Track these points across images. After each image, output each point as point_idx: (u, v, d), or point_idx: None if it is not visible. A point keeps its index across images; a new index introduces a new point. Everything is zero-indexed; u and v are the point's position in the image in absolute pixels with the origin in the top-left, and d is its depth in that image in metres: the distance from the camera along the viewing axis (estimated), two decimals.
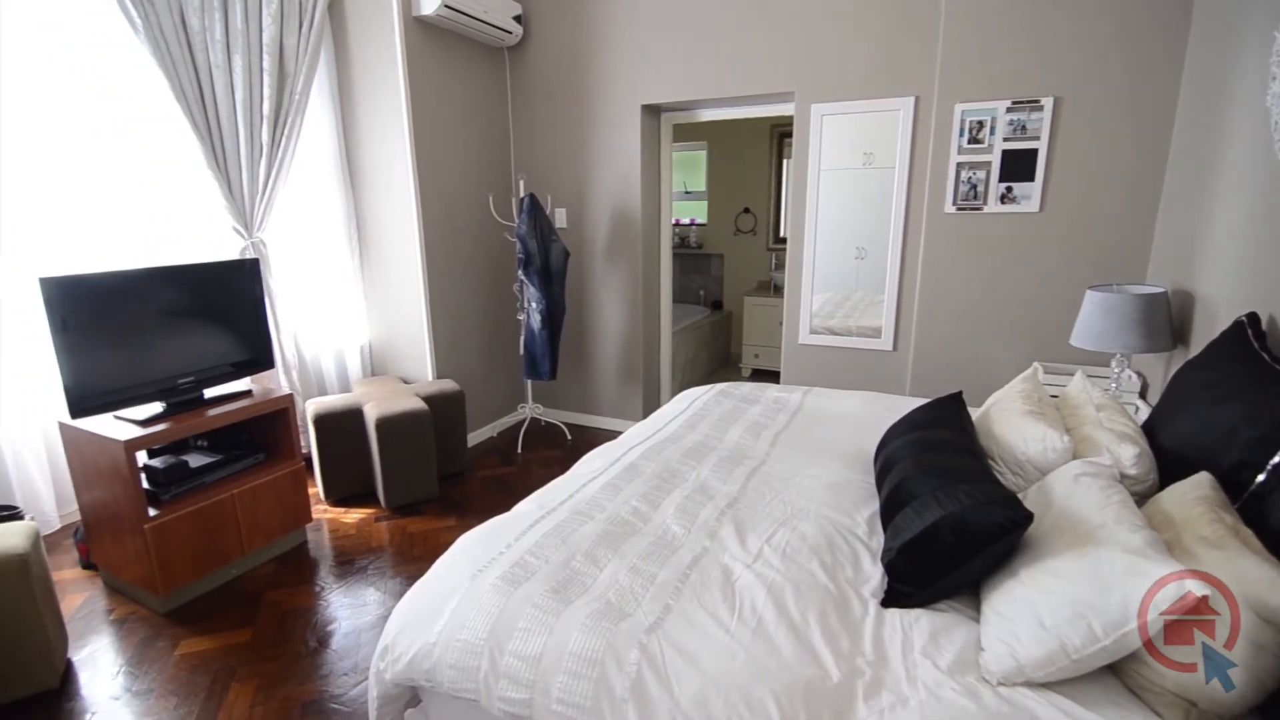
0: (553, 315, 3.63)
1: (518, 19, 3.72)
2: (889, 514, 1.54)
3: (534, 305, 3.59)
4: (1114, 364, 2.41)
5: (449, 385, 3.42)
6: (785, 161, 5.51)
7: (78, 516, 2.59)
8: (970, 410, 1.99)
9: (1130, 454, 1.55)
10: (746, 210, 5.81)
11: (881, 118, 3.17)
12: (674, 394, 4.28)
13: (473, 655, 1.27)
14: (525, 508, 1.79)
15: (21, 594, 1.86)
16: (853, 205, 3.34)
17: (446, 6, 3.20)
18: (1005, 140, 2.88)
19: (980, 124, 2.91)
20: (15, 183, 2.52)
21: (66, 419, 2.24)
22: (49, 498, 2.75)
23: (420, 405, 3.10)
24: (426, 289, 3.55)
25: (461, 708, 1.37)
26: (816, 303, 3.52)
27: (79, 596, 2.43)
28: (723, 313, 5.97)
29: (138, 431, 2.21)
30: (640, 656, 1.20)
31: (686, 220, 6.16)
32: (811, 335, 3.55)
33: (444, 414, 3.31)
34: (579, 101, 3.83)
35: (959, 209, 3.02)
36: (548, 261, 3.58)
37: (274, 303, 3.22)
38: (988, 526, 1.27)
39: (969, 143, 2.94)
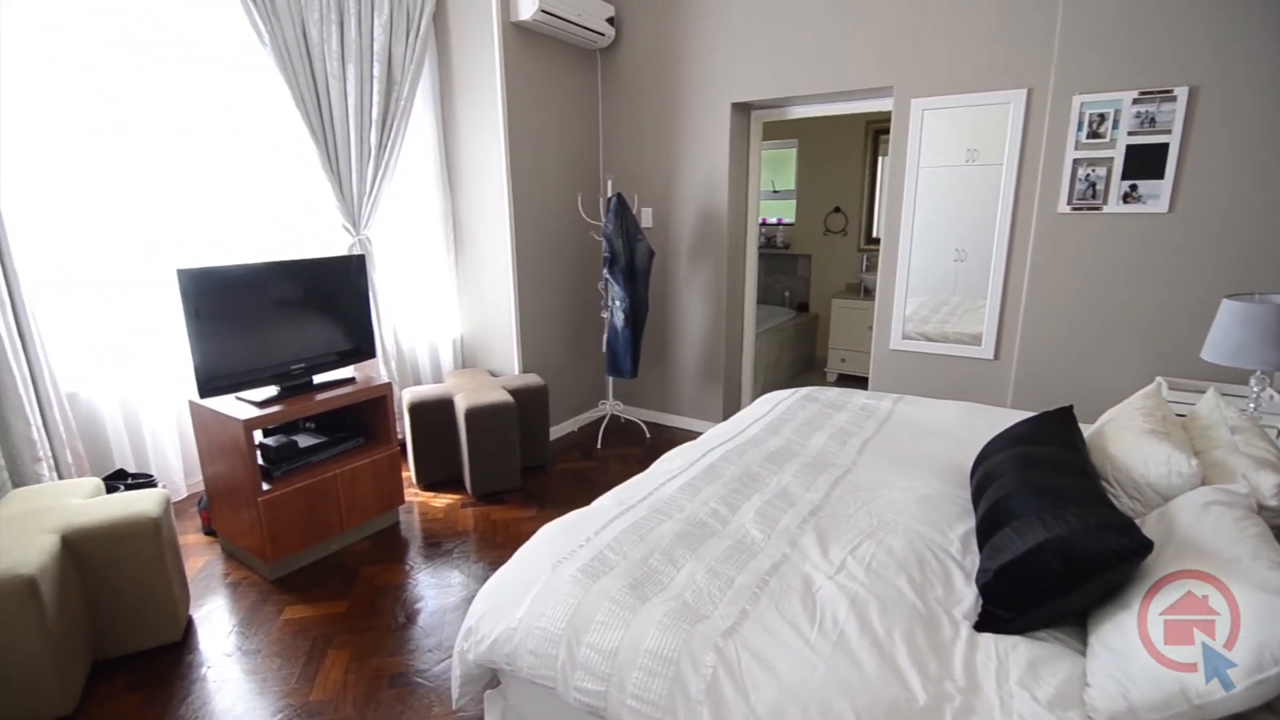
0: (636, 314, 3.66)
1: (610, 20, 3.77)
2: (986, 533, 1.45)
3: (617, 303, 3.63)
4: (1253, 382, 2.16)
5: (534, 380, 3.52)
6: (881, 159, 5.30)
7: (202, 487, 2.85)
8: (1081, 427, 1.84)
9: (1271, 483, 1.39)
10: (837, 210, 5.63)
11: (988, 112, 2.99)
12: (755, 397, 4.21)
13: (551, 644, 1.30)
14: (605, 503, 1.81)
15: (153, 554, 2.06)
16: (953, 204, 3.17)
17: (543, 11, 3.29)
18: (1130, 134, 2.64)
19: (1101, 117, 2.69)
20: (157, 184, 2.79)
21: (195, 398, 2.47)
22: (178, 469, 3.03)
23: (507, 398, 3.20)
24: (516, 286, 3.66)
25: (538, 694, 1.40)
26: (910, 307, 3.37)
27: (200, 560, 2.67)
28: (808, 315, 5.82)
29: (255, 412, 2.41)
30: (716, 660, 1.19)
31: (774, 220, 6.05)
32: (904, 341, 3.40)
33: (528, 407, 3.40)
34: (668, 101, 3.83)
35: (1074, 209, 2.81)
36: (632, 260, 3.61)
37: (376, 296, 3.42)
38: (1099, 553, 1.17)
39: (1088, 137, 2.73)
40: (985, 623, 1.30)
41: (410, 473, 3.38)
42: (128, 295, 2.76)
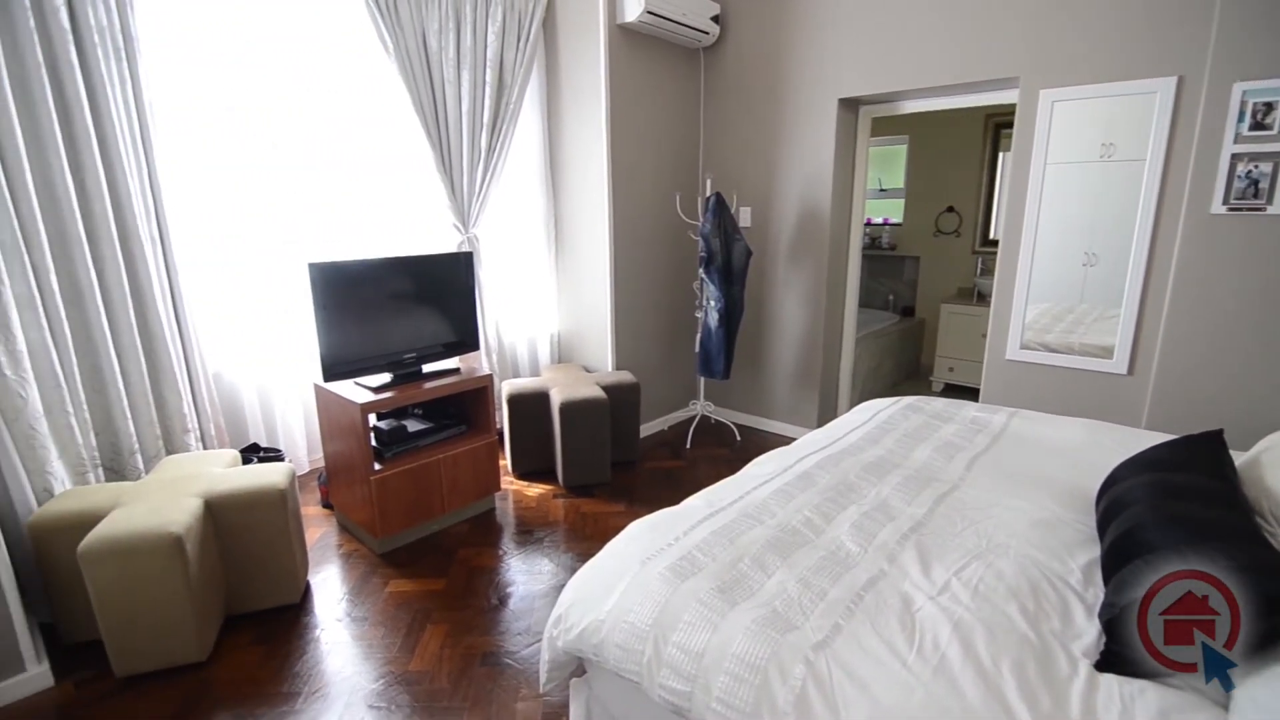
0: (730, 314, 3.61)
1: (715, 19, 3.74)
2: (1113, 565, 1.32)
3: (712, 303, 3.60)
4: None
5: (627, 377, 3.56)
6: (1001, 155, 4.96)
7: (322, 463, 3.09)
8: (1233, 454, 1.64)
9: None
10: (950, 209, 5.32)
11: (1129, 102, 2.72)
12: (854, 404, 4.06)
13: (638, 639, 1.31)
14: (695, 503, 1.80)
15: (278, 522, 2.26)
16: (1084, 204, 2.91)
17: (648, 12, 3.31)
18: None
19: (1269, 106, 2.38)
20: (291, 183, 3.05)
21: (320, 382, 2.68)
22: (302, 445, 3.31)
23: (600, 394, 3.26)
24: (612, 284, 3.72)
25: (623, 687, 1.42)
26: (1030, 314, 3.12)
27: (318, 530, 2.90)
28: (914, 320, 5.54)
29: (371, 396, 2.58)
30: (806, 672, 1.15)
31: (879, 220, 5.80)
32: (1022, 351, 3.16)
33: (620, 404, 3.45)
34: (772, 99, 3.76)
35: (1231, 209, 2.50)
36: (729, 260, 3.57)
37: (481, 292, 3.58)
38: (1251, 598, 1.03)
39: (1251, 129, 2.42)
40: (1108, 662, 1.18)
41: (506, 461, 3.51)
42: (265, 285, 3.03)
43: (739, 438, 4.03)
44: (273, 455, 2.92)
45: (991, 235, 5.13)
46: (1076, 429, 2.35)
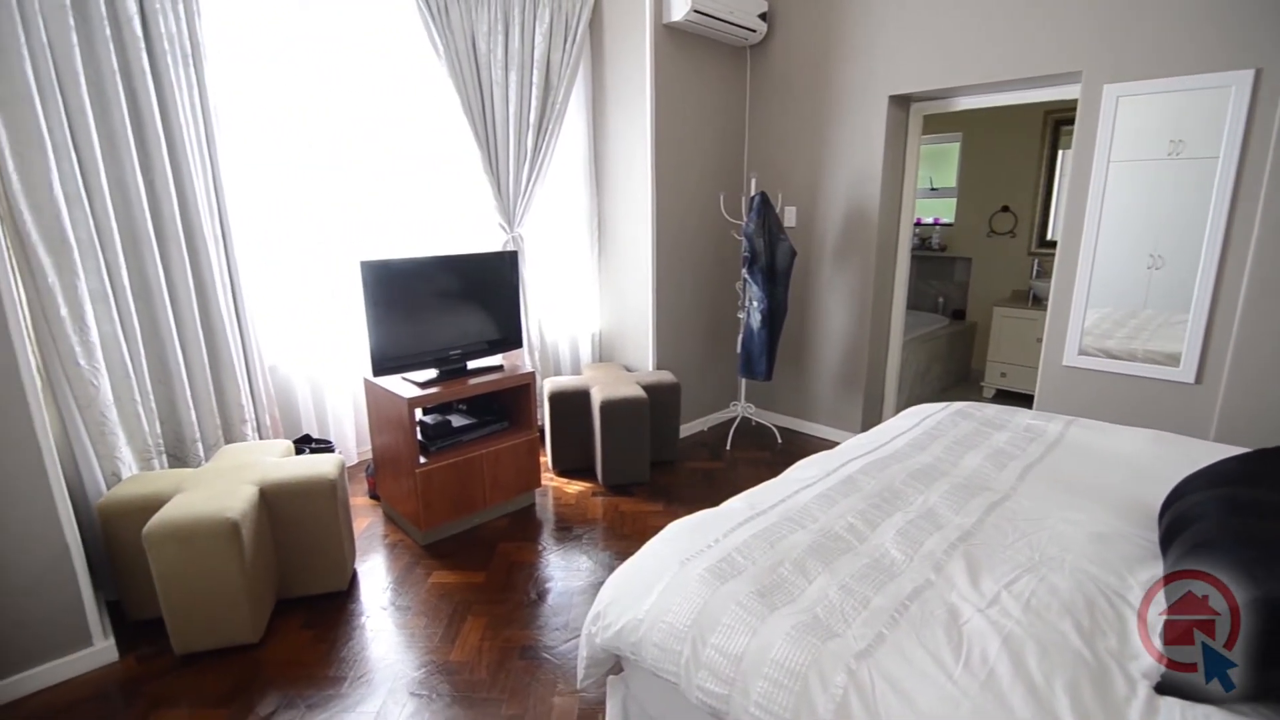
0: (773, 315, 3.57)
1: (763, 16, 3.70)
2: None
3: (755, 304, 3.56)
4: None
5: (667, 377, 3.55)
6: (1061, 152, 4.77)
7: (370, 455, 3.18)
8: None
9: None
10: (1005, 209, 5.15)
11: (1200, 97, 2.58)
12: (900, 409, 3.97)
13: (676, 640, 1.30)
14: (735, 505, 1.78)
15: (328, 511, 2.33)
16: (1150, 204, 2.78)
17: (695, 11, 3.30)
18: None
19: None
20: (343, 185, 3.15)
21: (369, 376, 2.76)
22: (351, 438, 3.41)
23: (640, 393, 3.26)
24: (654, 284, 3.72)
25: (661, 687, 1.41)
26: (1090, 319, 3.00)
27: (365, 520, 2.98)
28: (965, 323, 5.37)
29: (417, 391, 2.64)
30: (848, 681, 1.13)
31: (930, 220, 5.65)
32: (1080, 357, 3.03)
33: (660, 403, 3.44)
34: (820, 96, 3.70)
35: None
36: (773, 260, 3.53)
37: (525, 290, 3.63)
38: None
39: None
40: (1170, 686, 1.12)
41: (547, 458, 3.55)
42: (319, 282, 3.13)
43: (780, 440, 3.98)
44: (323, 446, 3.02)
45: (1049, 236, 4.94)
46: (1138, 439, 2.25)
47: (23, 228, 2.06)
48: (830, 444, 3.83)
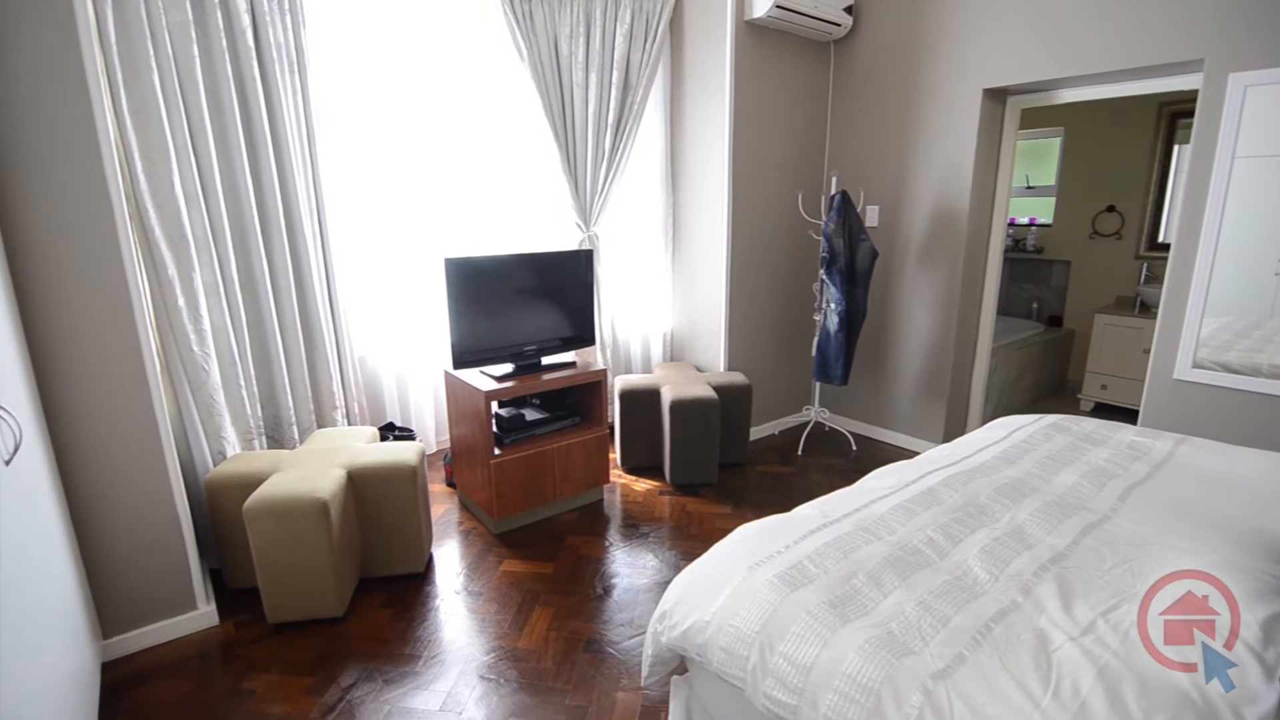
0: (852, 318, 3.46)
1: (848, 10, 3.59)
2: None
3: (832, 306, 3.47)
4: None
5: (738, 378, 3.51)
6: (1177, 148, 4.39)
7: (448, 444, 3.30)
8: None
9: None
10: (1111, 209, 4.78)
11: None
12: (986, 419, 3.77)
13: (743, 645, 1.28)
14: (807, 512, 1.74)
15: (409, 496, 2.44)
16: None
17: (778, 6, 3.24)
18: None
19: None
20: (427, 184, 3.27)
21: (450, 369, 2.86)
22: (432, 427, 3.55)
23: (710, 394, 3.24)
24: (728, 284, 3.68)
25: (725, 690, 1.40)
26: (1207, 329, 2.74)
27: (441, 507, 3.10)
28: (1061, 331, 5.04)
29: (494, 385, 2.72)
30: (924, 701, 1.08)
31: (1025, 220, 5.33)
32: (1194, 370, 2.78)
33: (731, 405, 3.41)
34: (908, 91, 3.56)
35: None
36: (853, 261, 3.42)
37: (599, 289, 3.67)
38: None
39: None
40: None
41: (616, 455, 3.58)
42: (405, 278, 3.28)
43: (855, 447, 3.86)
44: (406, 434, 3.16)
45: (1161, 238, 4.55)
46: (1261, 462, 2.03)
47: (148, 224, 2.26)
48: (909, 453, 3.68)
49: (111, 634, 2.07)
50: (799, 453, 3.80)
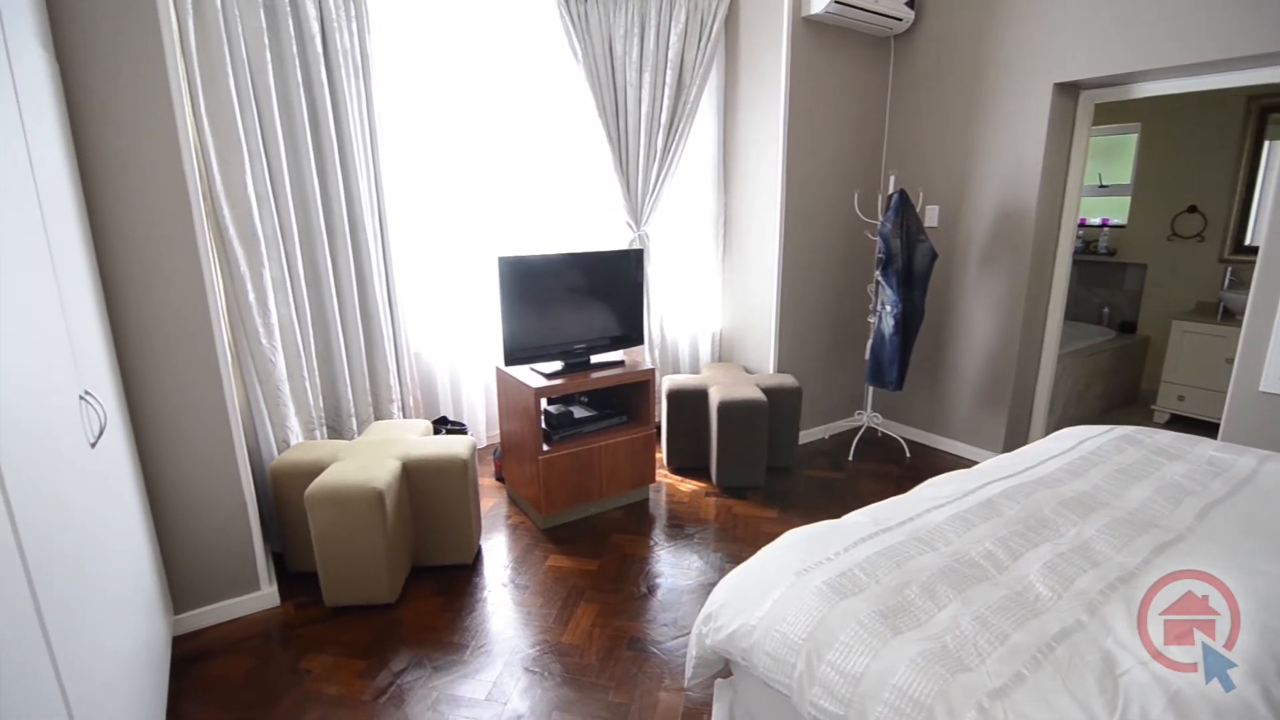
0: (908, 321, 3.36)
1: (910, 3, 3.49)
2: None
3: (888, 308, 3.37)
4: None
5: (788, 380, 3.46)
6: (1267, 144, 4.10)
7: (498, 439, 3.36)
8: None
9: None
10: (1192, 209, 4.50)
11: None
12: (1050, 429, 3.61)
13: (790, 651, 1.26)
14: (858, 519, 1.70)
15: (460, 489, 2.49)
16: None
17: (836, 2, 3.17)
18: None
19: None
20: (480, 185, 3.33)
21: (501, 365, 2.91)
22: (482, 422, 3.62)
23: (759, 396, 3.20)
24: (779, 284, 3.63)
25: (770, 697, 1.37)
26: None
27: (490, 500, 3.16)
28: (1134, 338, 4.77)
29: (544, 382, 2.76)
30: (979, 719, 1.03)
31: (1097, 220, 5.07)
32: None
33: (780, 407, 3.36)
34: (973, 87, 3.43)
35: None
36: (910, 263, 3.32)
37: (649, 288, 3.67)
38: None
39: None
40: None
41: (662, 454, 3.58)
42: (458, 276, 3.35)
43: (909, 455, 3.75)
44: (458, 428, 3.23)
45: (1248, 241, 4.26)
46: None
47: (222, 223, 2.38)
48: (967, 462, 3.56)
49: (182, 610, 2.19)
50: (850, 458, 3.71)
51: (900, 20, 3.49)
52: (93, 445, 1.46)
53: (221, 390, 2.12)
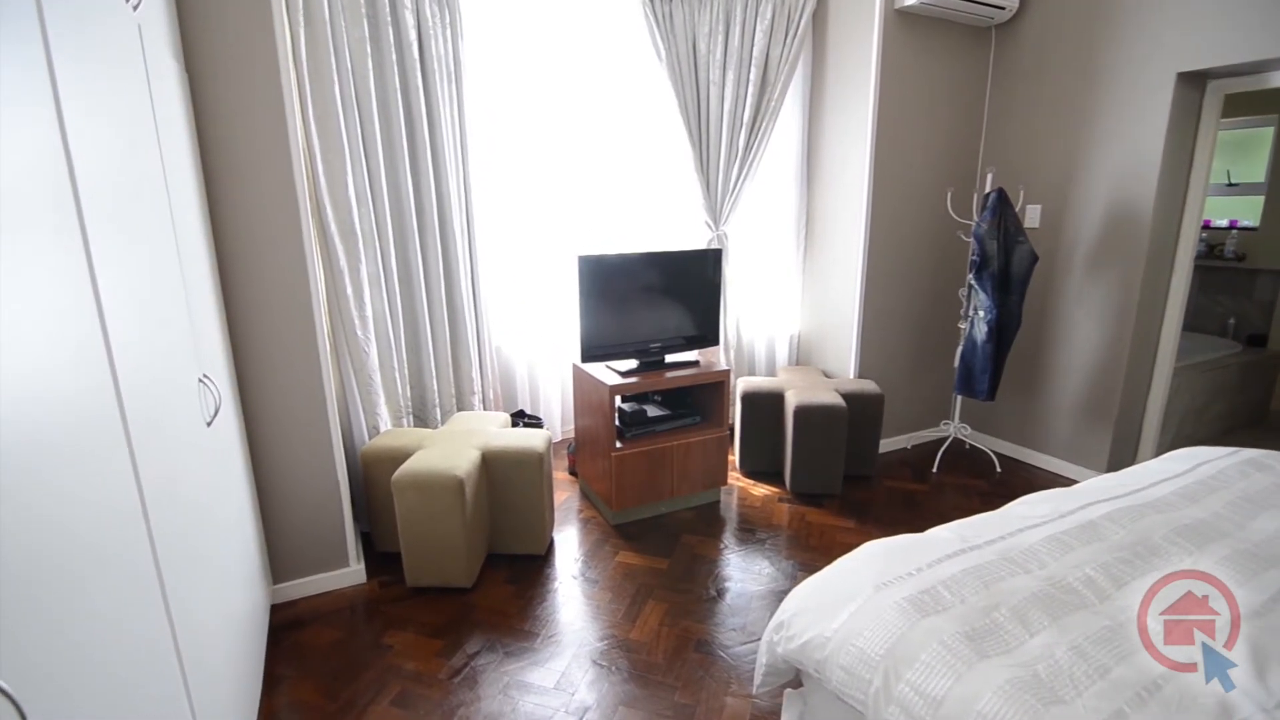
0: (1003, 327, 3.17)
1: None
2: None
3: (981, 314, 3.20)
4: None
5: (869, 386, 3.34)
6: None
7: (572, 434, 3.42)
8: None
9: None
10: None
11: None
12: (1164, 449, 3.32)
13: (866, 667, 1.22)
14: (942, 534, 1.62)
15: (535, 481, 2.55)
16: None
17: None
18: None
19: None
20: (561, 185, 3.39)
21: (578, 362, 2.96)
22: (558, 416, 3.69)
23: (838, 401, 3.10)
24: (862, 286, 3.51)
25: (843, 712, 1.33)
26: None
27: (563, 494, 3.22)
28: (1263, 351, 4.32)
29: (619, 380, 2.78)
30: None
31: (1223, 222, 4.62)
32: None
33: (860, 414, 3.24)
34: (1082, 78, 3.19)
35: None
36: (1008, 265, 3.13)
37: (726, 288, 3.63)
38: None
39: None
40: None
41: (735, 457, 3.53)
42: (538, 273, 3.43)
43: (999, 469, 3.54)
44: (534, 422, 3.31)
45: None
46: None
47: (325, 221, 2.53)
48: (1064, 480, 3.33)
49: (279, 580, 2.35)
50: (934, 470, 3.54)
51: (1003, 9, 3.30)
52: (209, 424, 1.59)
53: (321, 378, 2.26)
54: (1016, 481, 3.38)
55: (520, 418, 3.31)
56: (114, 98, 1.17)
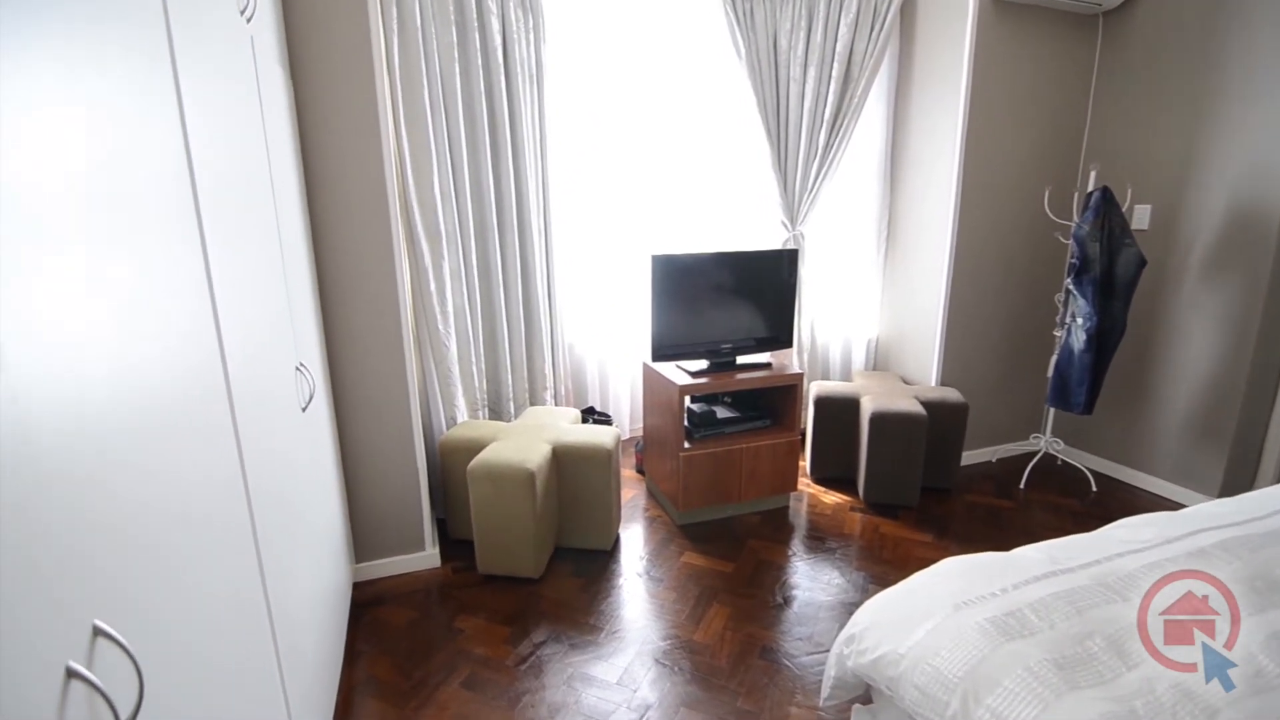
0: (1104, 336, 2.95)
1: None
2: None
3: (1079, 321, 2.99)
4: None
5: (952, 394, 3.19)
6: None
7: (640, 432, 3.43)
8: None
9: None
10: None
11: None
12: None
13: (943, 689, 1.16)
14: (1030, 554, 1.52)
15: (604, 477, 2.58)
16: None
17: None
18: None
19: None
20: (636, 184, 3.41)
21: (648, 361, 2.97)
22: (626, 414, 3.72)
23: (917, 409, 2.98)
24: (948, 289, 3.35)
25: None
26: None
27: (630, 492, 3.24)
28: None
29: (689, 380, 2.77)
30: None
31: None
32: None
33: (941, 424, 3.10)
34: (1204, 67, 2.93)
35: None
36: (1111, 270, 2.91)
37: (801, 290, 3.55)
38: None
39: None
40: None
41: (806, 463, 3.45)
42: (611, 272, 3.46)
43: (1095, 488, 3.30)
44: (604, 419, 3.35)
45: None
46: None
47: (412, 219, 2.65)
48: (1169, 504, 3.07)
49: (361, 560, 2.48)
50: (1021, 486, 3.35)
51: None
52: (303, 410, 1.70)
53: (405, 369, 2.37)
54: (1114, 503, 3.14)
55: (590, 414, 3.36)
56: (228, 106, 1.26)
